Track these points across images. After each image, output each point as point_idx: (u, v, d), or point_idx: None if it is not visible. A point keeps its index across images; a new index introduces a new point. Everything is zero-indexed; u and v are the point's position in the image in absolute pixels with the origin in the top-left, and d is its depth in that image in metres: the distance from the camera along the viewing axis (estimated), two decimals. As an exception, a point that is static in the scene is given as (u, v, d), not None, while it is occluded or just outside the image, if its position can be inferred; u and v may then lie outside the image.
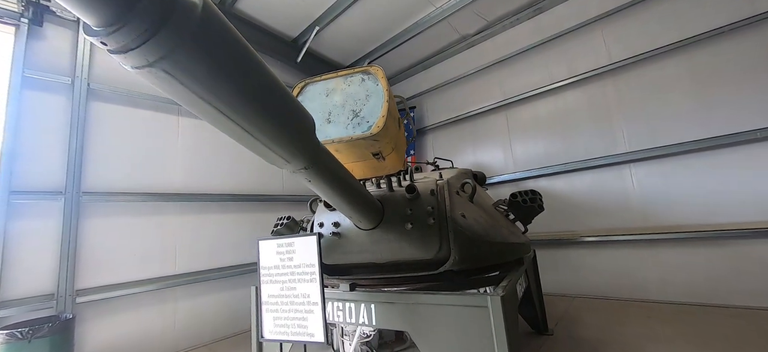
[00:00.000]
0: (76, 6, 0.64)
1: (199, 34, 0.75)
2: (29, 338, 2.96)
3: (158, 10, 0.68)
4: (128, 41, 0.69)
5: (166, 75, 0.80)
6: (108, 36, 0.68)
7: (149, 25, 0.68)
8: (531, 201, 3.05)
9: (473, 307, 2.06)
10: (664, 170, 5.04)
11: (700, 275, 4.64)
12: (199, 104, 0.94)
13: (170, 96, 0.97)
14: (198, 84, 0.85)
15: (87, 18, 0.67)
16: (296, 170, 1.40)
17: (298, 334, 2.16)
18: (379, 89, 1.71)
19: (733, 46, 4.56)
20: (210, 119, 1.03)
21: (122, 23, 0.66)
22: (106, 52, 0.75)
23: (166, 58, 0.74)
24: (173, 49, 0.73)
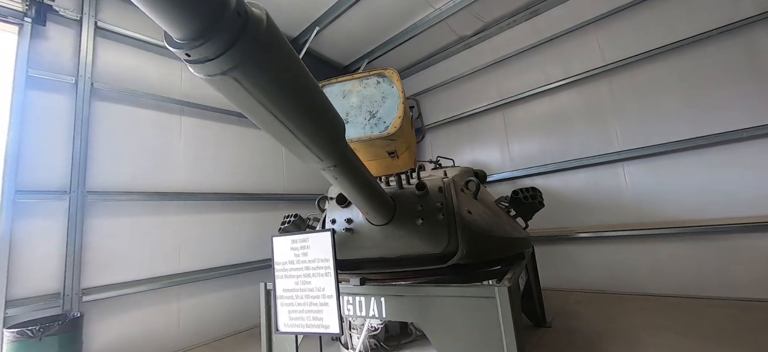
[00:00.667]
0: (169, 23, 0.71)
1: (264, 45, 0.84)
2: (40, 336, 2.99)
3: (236, 25, 0.76)
4: (209, 53, 0.77)
5: (235, 83, 0.88)
6: (193, 49, 0.76)
7: (228, 38, 0.76)
8: (532, 198, 3.18)
9: (481, 298, 2.17)
10: (656, 168, 5.23)
11: (690, 269, 4.83)
12: (257, 109, 1.02)
13: (232, 102, 1.05)
14: (259, 90, 0.94)
15: (175, 33, 0.75)
16: (326, 168, 1.49)
17: (313, 326, 2.24)
18: (395, 91, 1.80)
19: (720, 49, 4.76)
20: (263, 122, 1.11)
21: (207, 38, 0.74)
22: (185, 62, 0.83)
23: (238, 67, 0.82)
24: (245, 59, 0.81)
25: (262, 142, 6.37)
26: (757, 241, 4.42)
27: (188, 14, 0.70)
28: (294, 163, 6.90)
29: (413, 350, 3.18)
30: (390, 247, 2.45)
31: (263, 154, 6.32)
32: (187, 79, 5.42)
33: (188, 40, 0.75)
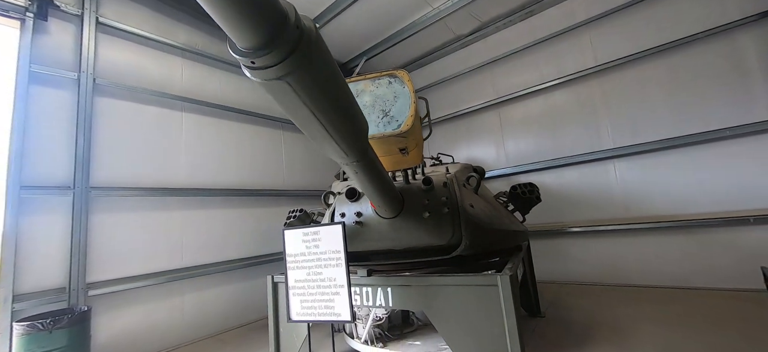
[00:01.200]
0: (239, 34, 0.81)
1: (314, 53, 0.94)
2: (50, 329, 3.04)
3: (294, 36, 0.86)
4: (271, 61, 0.87)
5: (287, 86, 0.98)
6: (259, 57, 0.86)
7: (288, 48, 0.86)
8: (529, 193, 3.34)
9: (484, 286, 2.31)
10: (644, 165, 5.45)
11: (676, 261, 5.08)
12: (301, 110, 1.12)
13: (279, 103, 1.15)
14: (306, 92, 1.04)
15: (243, 44, 0.85)
16: (349, 162, 1.59)
17: (325, 314, 2.36)
18: (406, 91, 1.91)
19: (705, 51, 4.99)
20: (302, 120, 1.22)
21: (271, 48, 0.84)
22: (246, 69, 0.93)
23: (292, 73, 0.92)
24: (299, 65, 0.91)
25: (263, 139, 6.42)
26: (739, 234, 4.67)
27: (257, 27, 0.80)
28: (294, 159, 6.97)
29: (415, 338, 3.31)
30: (398, 239, 2.58)
31: (264, 151, 6.37)
32: (188, 75, 5.44)
33: (254, 49, 0.85)
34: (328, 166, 7.73)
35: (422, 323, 3.72)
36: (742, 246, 4.60)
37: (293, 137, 7.06)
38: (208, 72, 5.75)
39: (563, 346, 3.36)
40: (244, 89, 6.29)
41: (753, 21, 4.65)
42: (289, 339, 3.29)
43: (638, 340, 3.35)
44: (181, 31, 5.45)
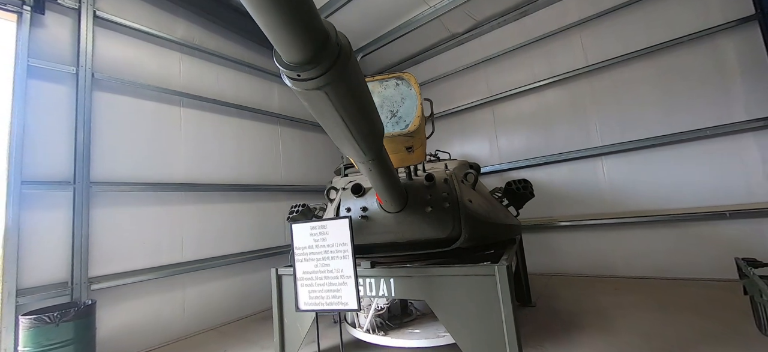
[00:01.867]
0: (288, 50, 0.92)
1: (349, 66, 1.05)
2: (57, 322, 3.09)
3: (335, 52, 0.98)
4: (314, 74, 0.98)
5: (324, 95, 1.08)
6: (304, 71, 0.96)
7: (329, 62, 0.97)
8: (523, 189, 3.51)
9: (483, 276, 2.47)
10: (631, 162, 5.71)
11: (659, 253, 5.36)
12: (332, 115, 1.23)
13: (313, 109, 1.26)
14: (340, 100, 1.15)
15: (291, 58, 0.96)
16: (365, 161, 1.71)
17: (332, 304, 2.48)
18: (413, 93, 2.03)
19: (691, 53, 5.23)
20: (331, 124, 1.34)
21: (316, 63, 0.95)
22: (290, 80, 1.03)
23: (330, 84, 1.04)
24: (337, 77, 1.03)
25: (260, 134, 6.46)
26: (717, 227, 4.96)
27: (305, 45, 0.91)
28: (291, 155, 7.03)
29: (415, 327, 3.47)
30: (401, 232, 2.71)
31: (261, 146, 6.42)
32: (185, 70, 5.44)
33: (301, 64, 0.95)
34: (324, 162, 7.82)
35: (420, 312, 3.88)
36: (719, 239, 4.89)
37: (290, 133, 7.11)
38: (206, 67, 5.75)
39: (553, 331, 3.56)
40: (241, 84, 6.31)
41: (734, 26, 4.90)
42: (294, 329, 3.41)
43: (621, 325, 3.58)
44: (179, 26, 5.43)
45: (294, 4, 0.80)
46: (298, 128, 7.34)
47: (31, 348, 3.01)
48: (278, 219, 6.46)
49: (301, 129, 7.40)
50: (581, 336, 3.41)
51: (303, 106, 7.47)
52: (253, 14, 0.85)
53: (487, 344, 2.40)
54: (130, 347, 4.14)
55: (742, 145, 4.88)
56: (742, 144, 4.87)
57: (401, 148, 2.10)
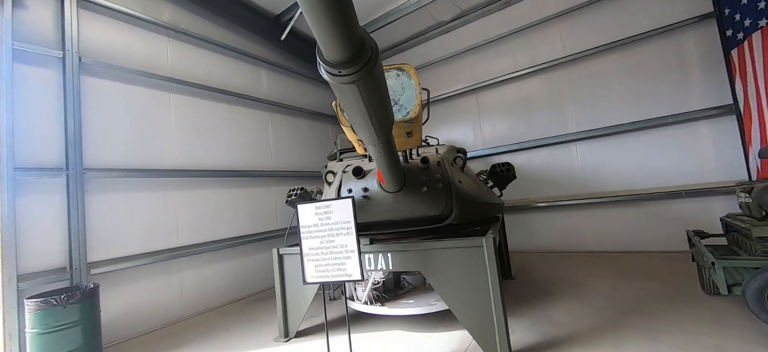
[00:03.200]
0: (333, 52, 1.12)
1: (377, 63, 1.25)
2: (64, 304, 3.18)
3: (368, 53, 1.18)
4: (352, 70, 1.19)
5: (356, 88, 1.29)
6: (343, 69, 1.16)
7: (363, 62, 1.18)
8: (507, 171, 3.84)
9: (472, 247, 2.78)
10: (602, 147, 6.20)
11: (624, 229, 5.93)
12: (358, 104, 1.43)
13: (342, 98, 1.46)
14: (367, 92, 1.35)
15: (333, 58, 1.15)
16: (377, 144, 1.92)
17: (337, 275, 2.73)
18: (412, 83, 2.24)
19: (656, 47, 5.68)
20: (355, 112, 1.54)
21: (354, 62, 1.16)
22: (329, 76, 1.22)
23: (362, 79, 1.24)
24: (368, 73, 1.23)
25: (250, 120, 6.49)
26: (675, 205, 5.54)
27: (347, 48, 1.11)
28: (281, 141, 7.10)
29: (408, 298, 3.77)
30: (399, 210, 2.97)
31: (252, 132, 6.46)
32: (174, 55, 5.37)
33: (342, 63, 1.16)
34: (313, 148, 7.93)
35: (412, 286, 4.20)
36: (674, 215, 5.48)
37: (279, 119, 7.16)
38: (195, 52, 5.69)
39: (531, 299, 3.98)
40: (230, 70, 6.28)
41: (695, 22, 5.36)
42: (296, 305, 3.66)
43: (590, 290, 4.05)
44: (165, 9, 5.33)
45: (342, 18, 1.00)
46: (287, 114, 7.39)
47: (39, 330, 3.09)
48: (270, 204, 6.59)
49: (289, 115, 7.45)
50: (556, 302, 3.84)
51: (291, 93, 7.55)
52: (310, 24, 1.04)
53: (476, 306, 2.73)
54: (131, 330, 4.25)
55: (697, 132, 5.43)
56: (698, 130, 5.42)
57: (402, 133, 2.32)
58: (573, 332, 3.05)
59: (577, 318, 3.34)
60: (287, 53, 7.55)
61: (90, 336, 3.37)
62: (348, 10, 1.01)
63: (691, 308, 3.30)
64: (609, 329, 3.02)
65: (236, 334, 4.00)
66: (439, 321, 3.57)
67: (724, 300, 3.33)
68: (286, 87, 7.51)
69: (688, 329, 2.86)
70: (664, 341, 2.70)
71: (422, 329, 3.47)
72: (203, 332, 4.17)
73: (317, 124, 8.24)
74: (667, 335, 2.80)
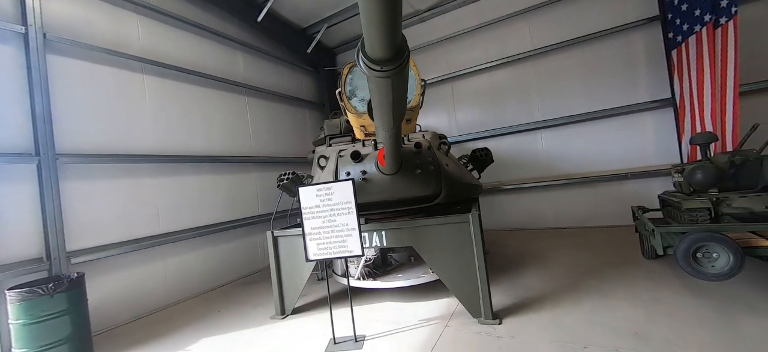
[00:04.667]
0: (379, 53, 1.31)
1: (408, 63, 1.46)
2: (51, 293, 3.09)
3: (405, 53, 1.38)
4: (389, 67, 1.38)
5: (389, 81, 1.48)
6: (385, 66, 1.35)
7: (400, 61, 1.38)
8: (485, 155, 4.22)
9: (459, 223, 3.11)
10: (563, 135, 6.86)
11: (580, 207, 6.68)
12: (387, 94, 1.62)
13: (374, 88, 1.65)
14: (395, 84, 1.55)
15: (377, 56, 1.34)
16: (389, 129, 2.12)
17: (339, 252, 2.95)
18: (413, 74, 2.45)
19: (610, 45, 6.33)
20: (381, 101, 1.74)
21: (393, 61, 1.35)
22: (369, 70, 1.40)
23: (397, 74, 1.44)
24: (401, 69, 1.43)
25: (228, 105, 6.34)
26: (621, 186, 6.33)
27: (391, 50, 1.30)
28: (259, 127, 7.00)
29: (396, 274, 4.08)
30: (395, 191, 3.22)
31: (230, 117, 6.32)
32: (145, 34, 5.10)
33: (384, 60, 1.35)
34: (291, 134, 7.90)
35: (398, 263, 4.52)
36: (622, 194, 6.27)
37: (257, 103, 7.03)
38: (166, 31, 5.42)
39: (505, 270, 4.47)
40: (204, 51, 6.05)
41: (643, 24, 6.05)
42: (291, 285, 3.82)
43: (552, 260, 4.63)
44: (133, -17, 5.00)
45: (394, 26, 1.20)
46: (265, 99, 7.26)
47: (25, 320, 3.00)
48: (251, 190, 6.55)
49: (267, 100, 7.33)
50: (525, 270, 4.36)
51: (268, 76, 7.42)
52: (366, 27, 1.22)
53: (463, 275, 3.09)
54: (117, 318, 4.18)
55: (642, 121, 6.20)
56: (642, 120, 6.20)
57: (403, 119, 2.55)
58: (541, 294, 3.54)
59: (543, 283, 3.85)
60: (263, 35, 7.36)
61: (79, 325, 3.30)
62: (398, 20, 1.21)
63: (633, 270, 3.93)
64: (570, 290, 3.54)
65: (229, 316, 4.09)
66: (426, 292, 3.93)
67: (659, 263, 4.01)
68: (263, 70, 7.35)
69: (632, 286, 3.45)
70: (614, 297, 3.25)
71: (411, 300, 3.81)
72: (196, 317, 4.20)
73: (295, 109, 8.17)
74: (616, 292, 3.36)
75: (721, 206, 3.16)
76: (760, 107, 5.24)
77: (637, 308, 2.95)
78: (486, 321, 3.01)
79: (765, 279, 3.21)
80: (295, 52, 8.20)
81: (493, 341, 2.70)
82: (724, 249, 2.76)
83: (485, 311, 3.04)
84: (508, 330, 2.85)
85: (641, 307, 2.97)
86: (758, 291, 2.99)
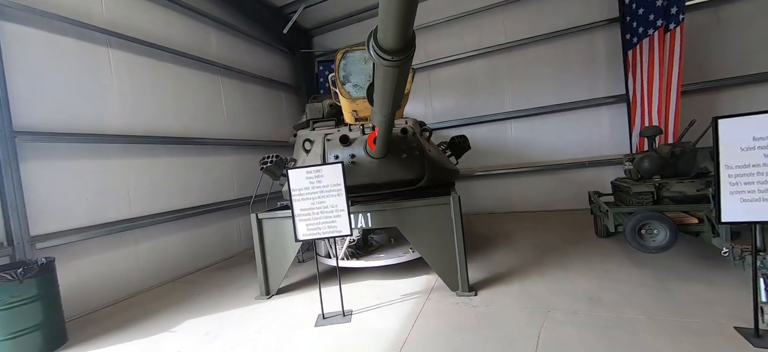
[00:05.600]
0: (392, 44, 1.41)
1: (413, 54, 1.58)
2: (21, 279, 2.94)
3: (413, 45, 1.50)
4: (398, 57, 1.49)
5: (396, 70, 1.59)
6: (395, 56, 1.46)
7: (409, 53, 1.50)
8: (463, 143, 4.48)
9: (440, 205, 3.35)
10: (531, 124, 7.33)
11: (543, 193, 7.25)
12: (391, 81, 1.72)
13: (381, 76, 1.76)
14: (400, 72, 1.66)
15: (389, 47, 1.44)
16: (386, 114, 2.23)
17: (328, 232, 3.07)
18: (404, 63, 2.59)
19: (577, 42, 6.81)
20: (384, 88, 1.84)
21: (403, 52, 1.46)
22: (380, 58, 1.50)
23: (404, 64, 1.55)
24: (408, 60, 1.55)
25: (201, 84, 6.08)
26: (580, 173, 6.95)
27: (403, 42, 1.41)
28: (234, 109, 6.79)
29: (378, 253, 4.27)
30: (382, 174, 3.37)
31: (203, 97, 6.07)
32: (109, 3, 4.73)
33: (396, 51, 1.45)
34: (267, 116, 7.74)
35: (378, 243, 4.71)
36: (580, 181, 6.89)
37: (231, 84, 6.79)
38: (132, 1, 5.05)
39: (477, 249, 4.83)
40: (174, 25, 5.72)
41: (605, 24, 6.55)
42: (276, 265, 3.89)
43: (521, 239, 5.06)
44: (95, -52, 4.59)
45: (408, 21, 1.31)
46: (239, 80, 7.02)
47: (-8, 306, 2.84)
48: (226, 174, 6.39)
49: (242, 81, 7.09)
50: (496, 249, 4.74)
51: (242, 56, 7.19)
52: (383, 20, 1.31)
53: (443, 252, 3.34)
54: (89, 304, 4.02)
55: (600, 115, 6.80)
56: (600, 114, 6.79)
57: (392, 106, 2.69)
58: (510, 268, 3.91)
59: (512, 259, 4.23)
60: (237, 12, 7.05)
61: (51, 311, 3.18)
62: (413, 15, 1.33)
63: (589, 247, 4.43)
64: (535, 265, 3.94)
65: (212, 298, 4.09)
66: (406, 270, 4.17)
67: (610, 240, 4.55)
68: (237, 49, 7.07)
69: (587, 260, 3.91)
70: (572, 270, 3.68)
71: (393, 277, 4.03)
72: (176, 300, 4.14)
73: (270, 91, 7.97)
74: (574, 265, 3.80)
75: (662, 190, 3.66)
76: (699, 104, 5.97)
77: (592, 279, 3.38)
78: (463, 293, 3.31)
79: (692, 251, 3.79)
80: (270, 31, 7.93)
81: (470, 310, 2.99)
82: (663, 226, 3.22)
83: (462, 284, 3.33)
84: (483, 300, 3.15)
85: (595, 277, 3.40)
86: (687, 262, 3.54)
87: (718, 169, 2.20)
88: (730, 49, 5.90)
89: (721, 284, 2.96)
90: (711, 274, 3.19)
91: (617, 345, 2.24)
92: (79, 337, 3.39)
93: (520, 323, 2.65)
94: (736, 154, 2.17)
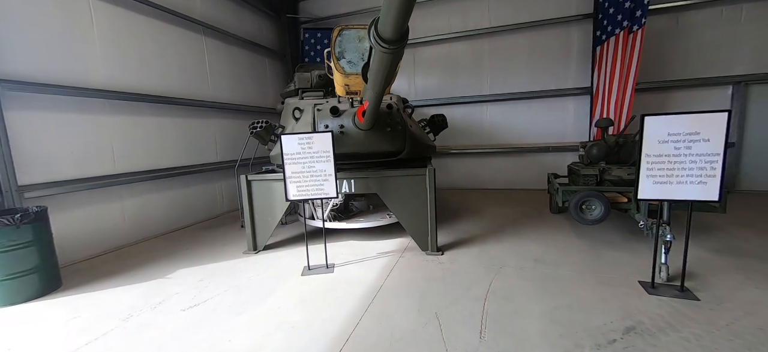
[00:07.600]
0: (391, 35, 1.71)
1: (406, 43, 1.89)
2: (18, 224, 3.08)
3: (407, 37, 1.81)
4: (395, 46, 1.79)
5: (391, 55, 1.90)
6: (392, 44, 1.76)
7: (403, 42, 1.81)
8: (442, 121, 4.88)
9: (418, 175, 3.77)
10: (505, 109, 7.85)
11: (510, 172, 7.91)
12: (386, 64, 2.03)
13: (378, 59, 2.05)
14: (395, 56, 1.97)
15: (388, 37, 1.74)
16: (378, 91, 2.54)
17: (317, 194, 3.41)
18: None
19: (553, 33, 7.26)
20: (378, 69, 2.14)
21: (399, 41, 1.77)
22: (379, 46, 1.79)
23: (399, 49, 1.86)
24: (402, 46, 1.85)
25: (186, 43, 5.98)
26: (543, 157, 7.62)
27: (400, 33, 1.71)
28: (218, 71, 6.74)
29: (358, 218, 4.69)
30: (367, 144, 3.71)
31: (188, 57, 6.00)
32: (88, -50, 4.53)
33: (393, 41, 1.75)
34: (252, 82, 7.72)
35: (358, 209, 5.12)
36: (544, 163, 7.57)
37: (216, 45, 6.70)
38: (114, -50, 4.85)
39: (447, 218, 5.38)
40: (157, -20, 5.52)
41: (581, 19, 7.01)
42: (264, 223, 4.20)
43: (485, 212, 5.66)
44: None
45: (404, 19, 1.62)
46: (224, 42, 6.92)
47: (-10, 248, 2.99)
48: (209, 137, 6.46)
49: (227, 43, 6.99)
50: (463, 219, 5.30)
51: (227, 17, 7.07)
52: (386, 15, 1.60)
53: (417, 217, 3.80)
54: (77, 254, 4.17)
55: (566, 105, 7.41)
56: (566, 104, 7.40)
57: (381, 83, 2.99)
58: (474, 235, 4.47)
59: (476, 228, 4.80)
60: (223, -28, 6.83)
61: (46, 256, 3.35)
62: (409, 14, 1.64)
63: (543, 220, 5.08)
64: (495, 233, 4.52)
65: (201, 252, 4.36)
66: (383, 233, 4.64)
67: (561, 216, 5.23)
68: (222, 10, 6.91)
69: (539, 230, 4.54)
70: (527, 238, 4.29)
71: (370, 239, 4.48)
72: (165, 253, 4.37)
73: (255, 56, 7.89)
74: (529, 234, 4.41)
75: (605, 174, 4.28)
76: (653, 101, 6.70)
77: (540, 244, 3.99)
78: (432, 253, 3.81)
79: (620, 225, 4.52)
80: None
81: (437, 265, 3.50)
82: (599, 203, 3.84)
83: (432, 245, 3.83)
84: (449, 258, 3.68)
85: (543, 243, 4.02)
86: (617, 234, 4.24)
87: (640, 156, 2.73)
88: (687, 53, 6.57)
89: (638, 251, 3.64)
90: (632, 243, 3.89)
91: (548, 291, 2.82)
92: (73, 281, 3.59)
93: (477, 276, 3.19)
94: (654, 145, 2.69)
